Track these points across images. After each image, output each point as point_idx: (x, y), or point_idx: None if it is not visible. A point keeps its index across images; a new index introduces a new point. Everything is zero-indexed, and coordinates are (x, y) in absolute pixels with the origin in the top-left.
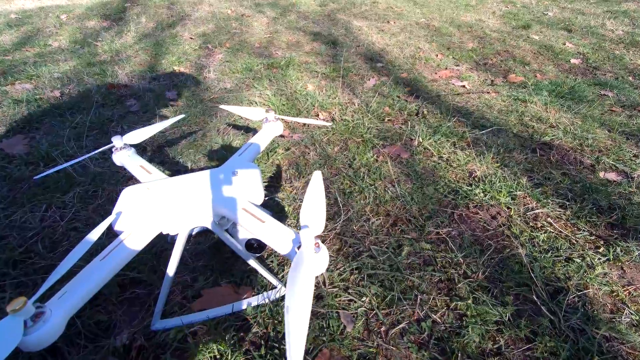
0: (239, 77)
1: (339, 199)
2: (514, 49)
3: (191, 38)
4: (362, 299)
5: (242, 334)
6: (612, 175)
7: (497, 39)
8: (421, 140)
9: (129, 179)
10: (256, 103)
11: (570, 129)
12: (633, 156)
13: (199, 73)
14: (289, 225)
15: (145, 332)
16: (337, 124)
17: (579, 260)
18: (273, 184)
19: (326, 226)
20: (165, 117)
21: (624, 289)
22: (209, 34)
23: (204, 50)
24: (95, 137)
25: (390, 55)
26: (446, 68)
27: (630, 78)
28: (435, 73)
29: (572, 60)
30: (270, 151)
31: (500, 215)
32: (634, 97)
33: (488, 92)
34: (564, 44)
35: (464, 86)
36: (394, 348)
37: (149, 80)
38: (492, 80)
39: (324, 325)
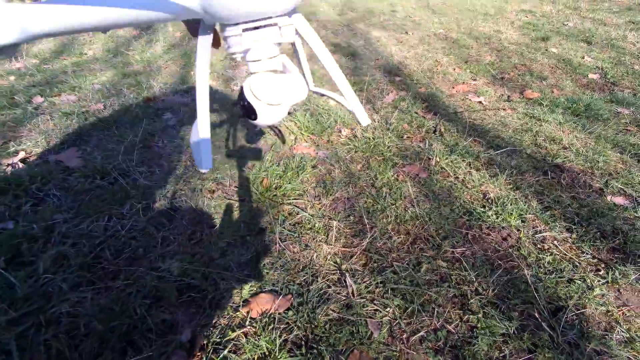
0: None
1: (364, 217)
2: (532, 62)
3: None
4: (387, 309)
5: (285, 335)
6: (619, 200)
7: (515, 51)
8: (438, 160)
9: (175, 193)
10: (284, 119)
11: (582, 151)
12: None
13: (226, 85)
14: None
15: (204, 331)
16: (360, 140)
17: (579, 282)
18: (303, 201)
19: (353, 243)
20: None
21: (619, 309)
22: None
23: (230, 61)
24: (140, 151)
25: (408, 69)
26: (463, 82)
27: None
28: (453, 87)
29: (590, 75)
30: (299, 168)
31: (510, 237)
32: None
33: (504, 109)
34: (583, 58)
35: (480, 102)
36: (414, 353)
37: (181, 94)
38: (508, 96)
39: (354, 330)
